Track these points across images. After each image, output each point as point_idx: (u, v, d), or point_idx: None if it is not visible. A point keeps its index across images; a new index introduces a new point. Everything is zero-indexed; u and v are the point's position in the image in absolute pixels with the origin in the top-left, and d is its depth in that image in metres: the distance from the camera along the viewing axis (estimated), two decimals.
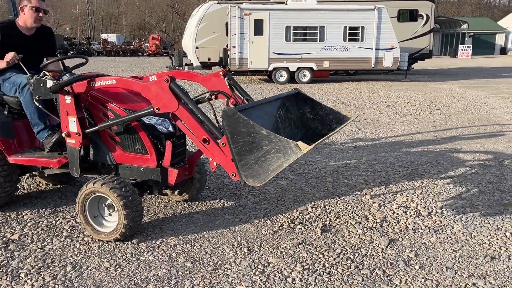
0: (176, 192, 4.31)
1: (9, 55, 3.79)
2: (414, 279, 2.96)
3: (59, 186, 4.80)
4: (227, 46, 17.15)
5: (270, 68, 16.93)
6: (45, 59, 4.28)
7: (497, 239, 3.55)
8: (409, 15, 19.80)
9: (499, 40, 51.59)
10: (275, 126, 3.58)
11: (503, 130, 8.03)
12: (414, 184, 4.92)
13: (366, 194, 4.61)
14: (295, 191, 4.71)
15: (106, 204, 3.49)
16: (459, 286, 2.88)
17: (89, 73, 3.64)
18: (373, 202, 4.35)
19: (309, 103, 3.99)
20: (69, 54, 41.64)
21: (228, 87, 3.92)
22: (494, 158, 6.00)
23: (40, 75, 3.64)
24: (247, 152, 2.86)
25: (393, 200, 4.43)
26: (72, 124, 3.57)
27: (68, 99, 3.53)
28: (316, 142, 2.84)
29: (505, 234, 3.65)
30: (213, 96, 3.91)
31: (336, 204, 4.33)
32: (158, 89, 3.22)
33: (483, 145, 6.82)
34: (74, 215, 4.00)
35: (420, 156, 6.13)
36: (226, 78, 3.95)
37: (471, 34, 49.34)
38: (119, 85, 3.44)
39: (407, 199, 4.44)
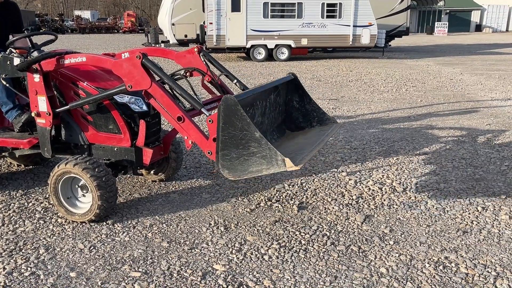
0: (152, 172, 4.26)
1: None
2: (388, 254, 3.01)
3: (31, 167, 4.69)
4: (204, 23, 16.88)
5: (248, 45, 16.75)
6: (11, 36, 4.11)
7: (469, 214, 3.63)
8: None
9: (475, 17, 52.05)
10: (263, 111, 3.52)
11: (477, 106, 8.16)
12: (389, 161, 4.97)
13: (342, 171, 4.64)
14: None
15: (80, 185, 3.43)
16: (432, 260, 2.94)
17: (58, 50, 3.52)
18: (349, 179, 4.39)
19: (300, 92, 3.92)
20: (40, 31, 40.33)
21: (204, 63, 3.85)
22: (468, 134, 6.10)
23: (7, 53, 3.50)
24: (233, 145, 2.82)
25: (369, 176, 4.47)
26: (42, 104, 3.46)
27: (37, 77, 3.41)
28: (303, 163, 2.82)
29: (476, 208, 3.73)
30: (188, 74, 3.83)
31: (312, 181, 4.35)
32: (130, 66, 3.14)
33: (457, 121, 6.92)
34: (47, 196, 3.92)
35: (396, 133, 6.19)
36: (201, 54, 3.87)
37: (448, 11, 49.64)
38: (89, 62, 3.34)
39: (382, 176, 4.49)
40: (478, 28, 51.22)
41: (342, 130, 6.39)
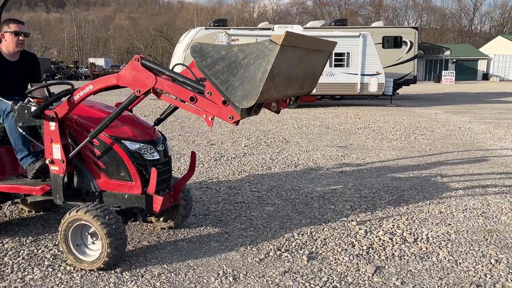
0: (161, 219, 4.26)
1: None
2: None
3: (41, 213, 4.72)
4: None
5: None
6: (29, 85, 4.26)
7: (482, 266, 3.56)
8: (393, 42, 20.23)
9: (481, 66, 52.79)
10: None
11: (486, 155, 8.14)
12: (400, 210, 4.94)
13: (352, 220, 4.60)
14: (282, 217, 4.69)
15: (90, 232, 3.44)
16: None
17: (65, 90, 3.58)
18: (360, 229, 4.35)
19: None
20: (56, 77, 41.51)
21: None
22: (478, 184, 6.06)
23: (25, 102, 3.62)
24: (229, 75, 2.79)
25: (379, 226, 4.43)
26: (56, 151, 3.53)
27: (53, 125, 3.50)
28: (290, 31, 2.76)
29: (490, 261, 3.66)
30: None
31: (322, 230, 4.32)
32: (132, 71, 3.20)
33: (467, 170, 6.89)
34: (56, 243, 3.92)
35: (406, 182, 6.17)
36: None
37: (454, 60, 50.44)
38: (96, 86, 3.36)
39: (393, 225, 4.45)
40: (485, 76, 51.81)
41: (351, 178, 6.38)
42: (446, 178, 6.40)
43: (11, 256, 3.68)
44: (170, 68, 3.69)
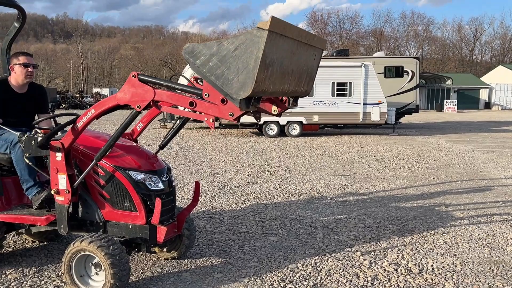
0: (164, 250, 4.25)
1: None
2: None
3: (45, 243, 4.71)
4: None
5: (261, 122, 17.14)
6: (36, 116, 4.33)
7: None
8: (395, 72, 20.48)
9: (483, 95, 53.11)
10: None
11: (490, 184, 8.12)
12: (404, 240, 4.91)
13: (357, 250, 4.57)
14: (286, 247, 4.66)
15: (93, 263, 3.43)
16: None
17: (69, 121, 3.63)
18: (364, 259, 4.32)
19: None
20: (61, 107, 41.99)
21: None
22: (483, 214, 6.03)
23: (32, 133, 3.67)
24: (224, 69, 2.79)
25: (383, 257, 4.40)
26: (62, 182, 3.56)
27: (59, 156, 3.54)
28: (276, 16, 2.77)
29: None
30: None
31: (327, 261, 4.29)
32: (130, 88, 3.22)
33: (471, 200, 6.87)
34: (59, 274, 3.90)
35: (410, 211, 6.15)
36: None
37: (456, 89, 50.81)
38: (98, 109, 3.39)
39: (397, 256, 4.42)
40: (487, 105, 52.05)
41: (355, 207, 6.36)
42: (450, 207, 6.38)
43: (14, 287, 3.67)
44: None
